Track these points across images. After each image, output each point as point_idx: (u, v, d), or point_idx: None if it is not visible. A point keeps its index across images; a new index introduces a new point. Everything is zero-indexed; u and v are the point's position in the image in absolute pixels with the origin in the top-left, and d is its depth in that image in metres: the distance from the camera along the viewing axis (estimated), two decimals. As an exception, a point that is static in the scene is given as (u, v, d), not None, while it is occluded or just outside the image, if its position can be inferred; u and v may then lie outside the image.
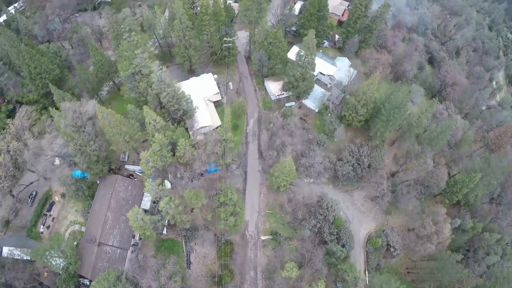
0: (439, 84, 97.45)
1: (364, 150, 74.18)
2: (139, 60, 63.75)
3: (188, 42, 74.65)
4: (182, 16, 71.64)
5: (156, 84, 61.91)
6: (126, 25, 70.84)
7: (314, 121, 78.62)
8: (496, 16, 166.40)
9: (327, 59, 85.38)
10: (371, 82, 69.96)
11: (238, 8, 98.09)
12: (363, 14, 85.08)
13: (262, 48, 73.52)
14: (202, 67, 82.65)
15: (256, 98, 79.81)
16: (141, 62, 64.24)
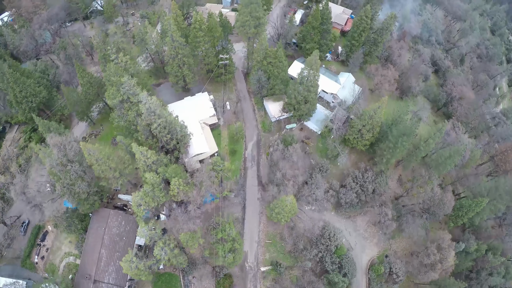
0: (445, 97, 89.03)
1: (368, 175, 67.17)
2: (126, 88, 55.66)
3: (181, 61, 66.08)
4: (174, 33, 62.74)
5: (146, 115, 54.13)
6: (113, 46, 62.10)
7: (316, 143, 71.09)
8: (498, 19, 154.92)
9: (330, 75, 76.77)
10: (379, 106, 62.01)
11: (235, 18, 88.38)
12: (368, 27, 75.80)
13: (261, 68, 64.98)
14: (198, 85, 74.33)
15: (255, 119, 71.89)
16: (128, 90, 56.18)
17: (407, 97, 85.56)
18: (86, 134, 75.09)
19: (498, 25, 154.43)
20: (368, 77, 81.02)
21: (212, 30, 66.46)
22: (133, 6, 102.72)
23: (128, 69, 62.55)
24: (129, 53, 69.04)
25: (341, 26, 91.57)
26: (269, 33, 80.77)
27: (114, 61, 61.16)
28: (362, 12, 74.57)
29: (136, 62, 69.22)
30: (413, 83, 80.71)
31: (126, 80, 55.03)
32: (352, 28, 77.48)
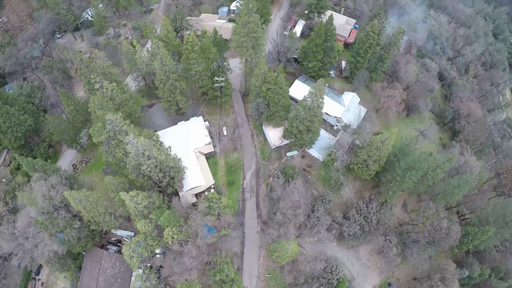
0: (452, 114, 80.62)
1: (373, 206, 60.10)
2: (111, 126, 47.55)
3: (173, 86, 57.41)
4: (164, 56, 53.82)
5: (134, 156, 46.34)
6: (98, 71, 53.40)
7: (319, 171, 63.49)
8: (500, 23, 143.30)
9: (334, 95, 67.97)
10: (387, 137, 54.05)
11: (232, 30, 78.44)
12: (375, 43, 66.41)
13: (260, 94, 56.40)
14: (192, 108, 65.82)
15: (254, 146, 63.86)
16: (114, 127, 48.08)
17: (413, 114, 77.26)
18: (77, 161, 67.28)
19: (501, 29, 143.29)
20: (374, 95, 72.35)
21: (206, 51, 57.32)
22: (126, 16, 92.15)
23: (115, 98, 54.14)
24: (117, 76, 60.15)
25: (344, 38, 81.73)
26: (268, 48, 71.26)
27: (99, 91, 52.72)
28: (369, 27, 64.94)
29: (125, 87, 60.45)
30: (421, 102, 72.07)
31: (110, 117, 46.91)
32: (358, 43, 67.96)
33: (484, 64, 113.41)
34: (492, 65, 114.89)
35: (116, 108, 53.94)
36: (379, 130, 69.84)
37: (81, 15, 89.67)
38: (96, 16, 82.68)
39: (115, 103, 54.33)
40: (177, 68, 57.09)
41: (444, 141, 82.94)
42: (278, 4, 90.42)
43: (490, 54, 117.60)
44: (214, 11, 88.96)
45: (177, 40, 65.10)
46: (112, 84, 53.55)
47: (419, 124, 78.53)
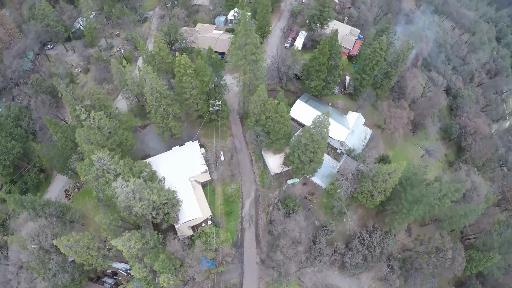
0: (458, 130, 73.62)
1: (376, 235, 54.49)
2: (98, 164, 41.08)
3: (165, 111, 50.48)
4: (154, 82, 46.62)
5: (124, 200, 40.13)
6: (81, 104, 46.37)
7: (321, 199, 57.40)
8: (503, 26, 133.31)
9: (337, 115, 60.77)
10: (394, 169, 47.66)
11: (230, 42, 70.37)
12: (382, 60, 58.74)
13: (259, 121, 49.43)
14: (188, 129, 58.94)
15: (253, 172, 57.39)
16: (102, 166, 41.63)
17: (419, 131, 70.30)
18: (69, 187, 61.00)
19: (504, 32, 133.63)
20: (379, 112, 65.21)
21: (200, 73, 49.94)
22: (119, 25, 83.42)
23: (103, 128, 47.25)
24: (105, 101, 52.95)
25: (348, 50, 73.65)
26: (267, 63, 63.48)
27: (86, 121, 45.82)
28: (376, 43, 57.09)
29: (115, 110, 53.42)
30: (428, 121, 65.02)
31: (98, 155, 40.46)
32: (364, 60, 60.20)
33: (489, 71, 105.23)
34: (497, 72, 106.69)
35: (104, 139, 47.24)
36: (384, 152, 63.26)
37: (73, 25, 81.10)
38: (87, 27, 74.39)
39: (104, 134, 47.57)
40: (169, 92, 49.91)
41: (449, 157, 76.43)
42: (278, 13, 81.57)
43: (494, 60, 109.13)
44: (211, 20, 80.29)
45: (170, 57, 57.41)
46: (99, 113, 46.53)
47: (425, 141, 71.74)
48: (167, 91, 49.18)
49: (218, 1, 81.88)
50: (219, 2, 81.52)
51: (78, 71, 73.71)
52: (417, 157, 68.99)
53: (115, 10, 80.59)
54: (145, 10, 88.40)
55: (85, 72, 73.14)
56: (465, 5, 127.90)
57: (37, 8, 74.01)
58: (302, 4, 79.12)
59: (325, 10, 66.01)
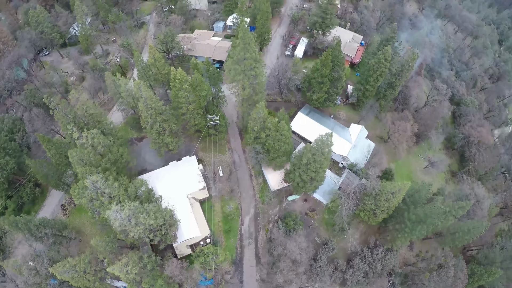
0: (461, 140, 70.16)
1: (378, 252, 51.80)
2: (92, 188, 38.07)
3: (161, 127, 47.10)
4: (149, 99, 43.11)
5: (120, 225, 37.24)
6: (73, 124, 42.94)
7: (322, 215, 54.46)
8: (504, 28, 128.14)
9: (339, 129, 57.27)
10: (398, 190, 44.61)
11: (229, 49, 66.40)
12: (387, 71, 54.98)
13: (259, 139, 46.04)
14: (185, 142, 55.56)
15: (252, 188, 54.28)
16: (96, 190, 38.59)
17: (422, 141, 66.87)
18: (65, 201, 57.99)
19: (506, 35, 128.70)
20: (383, 123, 61.63)
21: (197, 88, 46.36)
22: (115, 30, 79.08)
23: (97, 147, 43.94)
24: (99, 116, 49.39)
25: (350, 58, 69.63)
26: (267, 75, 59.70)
27: (78, 140, 42.53)
28: (381, 54, 53.23)
29: (110, 125, 49.99)
30: (432, 134, 61.57)
31: (91, 179, 37.43)
32: (368, 71, 56.36)
33: (492, 76, 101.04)
34: (499, 76, 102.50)
35: (98, 158, 44.04)
36: (387, 165, 60.04)
37: (68, 30, 76.85)
38: (81, 34, 70.27)
39: (97, 152, 44.32)
40: (165, 107, 46.38)
41: (452, 167, 73.14)
42: (278, 18, 77.14)
43: (496, 64, 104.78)
44: (209, 26, 75.94)
45: (167, 68, 53.72)
46: (93, 132, 43.20)
47: (428, 151, 68.40)
48: (163, 107, 45.68)
49: (216, 6, 77.46)
50: (217, 7, 77.09)
51: (74, 79, 69.96)
52: (420, 168, 65.83)
53: (111, 16, 76.22)
54: (142, 15, 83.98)
55: (80, 81, 69.44)
56: (467, 8, 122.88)
57: (30, 15, 69.81)
58: (303, 10, 74.65)
59: (328, 17, 61.79)
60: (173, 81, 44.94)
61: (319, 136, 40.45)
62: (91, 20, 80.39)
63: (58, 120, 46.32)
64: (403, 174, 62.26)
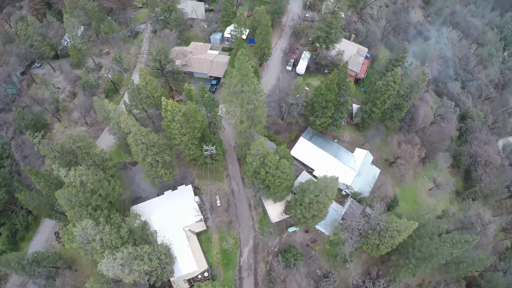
0: (468, 160, 64.75)
1: (380, 284, 47.74)
2: (82, 236, 33.64)
3: (154, 160, 41.94)
4: (138, 135, 37.75)
5: (112, 275, 32.97)
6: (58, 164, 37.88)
7: (324, 245, 50.05)
8: (508, 33, 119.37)
9: (343, 154, 51.74)
10: (404, 228, 39.94)
11: (227, 63, 60.06)
12: (395, 93, 49.01)
13: (258, 175, 40.83)
14: (180, 169, 50.47)
15: (252, 218, 49.60)
16: (86, 236, 34.16)
17: (428, 162, 61.58)
18: (59, 228, 53.73)
19: (509, 40, 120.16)
20: (388, 143, 56.12)
21: (191, 120, 40.79)
22: (109, 41, 71.86)
23: (86, 184, 38.97)
24: (88, 147, 44.01)
25: (355, 73, 63.19)
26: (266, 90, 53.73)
27: (66, 178, 37.55)
28: (390, 77, 47.11)
29: (101, 153, 44.82)
30: (440, 157, 56.23)
31: (80, 229, 32.91)
32: (375, 93, 50.30)
33: (497, 85, 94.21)
34: (504, 84, 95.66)
35: (88, 196, 39.19)
36: (392, 189, 55.17)
37: (60, 42, 69.94)
38: (72, 49, 63.71)
39: (87, 190, 39.40)
40: (157, 138, 40.96)
41: (458, 186, 68.16)
42: (279, 29, 69.91)
43: (501, 72, 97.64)
44: (206, 38, 68.89)
45: (159, 91, 47.86)
46: (81, 168, 38.17)
47: (433, 171, 63.16)
48: (154, 139, 40.29)
49: (213, 16, 70.12)
50: (215, 16, 69.77)
51: (65, 96, 64.02)
52: (425, 190, 60.91)
53: (103, 26, 69.23)
54: (136, 24, 76.82)
55: (72, 98, 63.57)
56: (472, 12, 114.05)
57: (19, 28, 63.11)
58: (305, 21, 67.35)
59: (332, 31, 55.02)
60: (164, 112, 39.35)
61: (323, 178, 35.30)
62: (84, 30, 73.45)
63: (44, 155, 41.14)
64: (408, 197, 57.45)
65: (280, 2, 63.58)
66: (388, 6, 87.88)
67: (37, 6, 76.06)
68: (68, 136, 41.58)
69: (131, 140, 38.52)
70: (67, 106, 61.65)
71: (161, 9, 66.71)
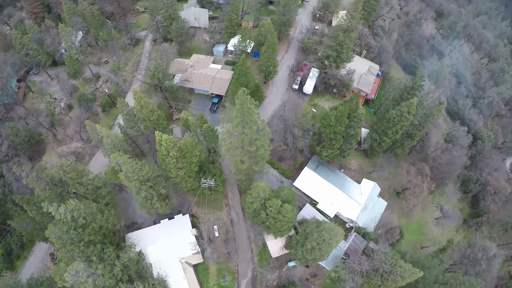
0: (477, 187, 59.66)
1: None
2: (75, 278, 30.01)
3: (148, 193, 37.63)
4: (131, 171, 33.28)
5: None
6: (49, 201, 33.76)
7: (324, 280, 46.26)
8: None
9: (350, 185, 46.84)
10: (409, 275, 35.92)
11: (229, 80, 54.56)
12: (408, 123, 43.58)
13: (259, 217, 36.37)
14: (177, 195, 46.23)
15: (251, 250, 45.58)
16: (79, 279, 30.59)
17: (436, 190, 56.68)
18: (54, 249, 50.44)
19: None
20: (396, 172, 51.14)
21: (187, 155, 36.06)
22: (108, 49, 65.66)
23: (77, 219, 34.93)
24: (82, 172, 39.59)
25: (365, 94, 57.30)
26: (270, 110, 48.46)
27: (56, 214, 33.54)
28: (404, 106, 41.59)
29: (95, 180, 40.46)
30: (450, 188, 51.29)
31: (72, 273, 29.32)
32: (387, 122, 44.76)
33: (508, 102, 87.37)
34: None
35: (80, 231, 35.27)
36: (398, 220, 50.71)
37: (58, 49, 64.19)
38: (68, 59, 58.27)
39: (78, 224, 35.43)
40: (151, 172, 36.44)
41: (464, 212, 63.44)
42: (286, 42, 63.39)
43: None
44: (208, 49, 62.67)
45: (156, 114, 42.90)
46: (71, 203, 34.05)
47: (441, 198, 58.33)
48: (149, 174, 35.81)
49: (217, 25, 63.60)
50: (218, 26, 63.29)
51: (61, 108, 59.18)
52: (431, 219, 56.26)
53: (102, 34, 63.28)
54: (137, 30, 70.58)
55: (68, 110, 58.75)
56: (483, 24, 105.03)
57: (13, 37, 57.64)
58: (314, 35, 60.73)
59: (343, 51, 48.90)
60: (158, 146, 34.63)
61: (328, 225, 30.87)
62: (82, 36, 67.56)
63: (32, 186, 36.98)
64: (413, 229, 53.03)
65: (288, 14, 56.95)
66: (400, 18, 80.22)
67: (36, 9, 69.94)
68: (59, 166, 37.12)
69: (123, 177, 34.05)
70: (63, 119, 56.93)
71: (162, 17, 60.43)
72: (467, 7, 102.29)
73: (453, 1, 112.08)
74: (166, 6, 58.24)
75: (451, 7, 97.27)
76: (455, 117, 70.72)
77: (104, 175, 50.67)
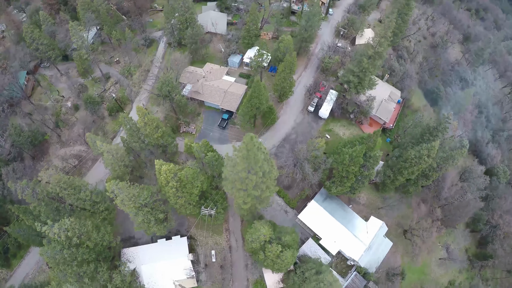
0: (487, 230, 55.11)
1: None
2: None
3: (146, 218, 34.60)
4: (127, 199, 30.12)
5: None
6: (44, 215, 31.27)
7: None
8: None
9: (355, 223, 42.70)
10: None
11: (242, 95, 50.21)
12: (426, 165, 39.00)
13: (258, 256, 32.97)
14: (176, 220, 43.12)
15: (246, 278, 42.63)
16: None
17: (444, 230, 52.42)
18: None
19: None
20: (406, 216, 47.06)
21: (188, 186, 32.58)
22: (121, 48, 61.16)
23: (72, 238, 32.28)
24: (79, 186, 36.68)
25: (383, 122, 52.24)
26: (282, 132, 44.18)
27: (50, 233, 30.98)
28: (425, 149, 36.94)
29: (92, 193, 37.65)
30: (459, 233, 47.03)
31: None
32: (404, 161, 40.17)
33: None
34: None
35: (74, 251, 32.74)
36: (401, 261, 46.93)
37: (69, 44, 60.32)
38: (77, 58, 54.60)
39: (73, 243, 32.82)
40: (148, 198, 33.22)
41: (470, 251, 59.16)
42: (305, 58, 58.02)
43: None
44: (223, 59, 57.94)
45: (160, 132, 39.28)
46: (66, 223, 31.44)
47: (448, 237, 54.03)
48: (147, 199, 32.64)
49: (234, 33, 58.59)
50: (235, 34, 58.28)
51: (68, 107, 56.09)
52: (435, 259, 52.28)
53: (115, 32, 59.12)
54: (152, 30, 66.01)
55: (74, 110, 55.66)
56: (508, 49, 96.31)
57: (24, 31, 54.09)
58: (336, 54, 55.20)
59: (366, 79, 43.84)
60: (158, 174, 31.24)
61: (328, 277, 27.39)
62: (97, 31, 63.56)
63: (29, 202, 34.36)
64: (416, 269, 49.27)
65: (310, 30, 51.52)
66: (426, 38, 73.34)
67: (52, 1, 65.93)
68: (55, 182, 34.20)
69: (119, 202, 30.95)
70: (68, 120, 53.94)
71: (178, 21, 55.75)
72: (495, 33, 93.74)
73: (481, 22, 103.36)
74: (183, 9, 53.44)
75: (477, 29, 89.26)
76: (472, 148, 65.25)
77: (105, 183, 47.97)
